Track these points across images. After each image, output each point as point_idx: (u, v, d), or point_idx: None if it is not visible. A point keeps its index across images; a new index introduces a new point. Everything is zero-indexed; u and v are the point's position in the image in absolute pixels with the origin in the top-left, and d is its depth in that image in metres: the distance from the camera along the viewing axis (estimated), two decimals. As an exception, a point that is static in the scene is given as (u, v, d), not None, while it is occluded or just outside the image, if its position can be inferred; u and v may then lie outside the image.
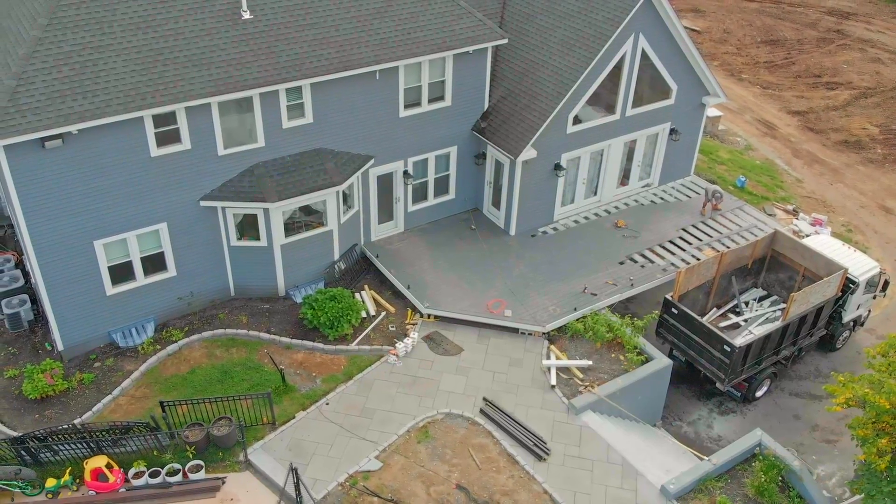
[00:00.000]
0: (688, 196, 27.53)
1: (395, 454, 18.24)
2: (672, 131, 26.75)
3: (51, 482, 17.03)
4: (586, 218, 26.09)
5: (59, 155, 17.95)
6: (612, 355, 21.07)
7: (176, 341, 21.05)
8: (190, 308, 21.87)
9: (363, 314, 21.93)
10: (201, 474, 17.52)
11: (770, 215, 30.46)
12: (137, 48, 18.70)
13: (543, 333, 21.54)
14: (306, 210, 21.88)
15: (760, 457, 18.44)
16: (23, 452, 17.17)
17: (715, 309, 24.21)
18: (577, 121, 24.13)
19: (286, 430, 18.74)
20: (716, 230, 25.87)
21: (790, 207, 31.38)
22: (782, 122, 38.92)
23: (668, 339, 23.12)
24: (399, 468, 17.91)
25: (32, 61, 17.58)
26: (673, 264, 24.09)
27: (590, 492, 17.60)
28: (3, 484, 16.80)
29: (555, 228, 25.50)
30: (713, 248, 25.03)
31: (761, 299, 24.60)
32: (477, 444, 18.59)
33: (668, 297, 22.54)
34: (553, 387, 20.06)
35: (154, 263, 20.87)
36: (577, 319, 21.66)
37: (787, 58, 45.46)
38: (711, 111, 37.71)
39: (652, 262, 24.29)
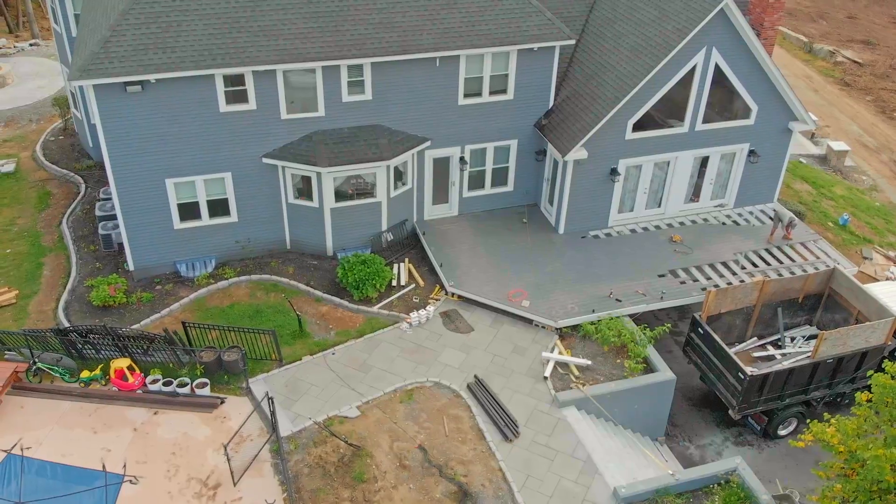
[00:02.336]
0: (762, 222, 26.50)
1: (375, 408, 19.60)
2: (751, 153, 25.91)
3: (85, 374, 20.01)
4: (645, 228, 25.93)
5: (138, 99, 20.93)
6: (618, 361, 21.11)
7: (227, 279, 23.63)
8: (246, 253, 24.38)
9: (393, 283, 23.41)
10: (206, 391, 19.81)
11: (866, 258, 28.60)
12: (217, 14, 21.29)
13: (555, 328, 21.95)
14: (361, 180, 23.65)
15: (723, 482, 17.93)
16: (69, 346, 20.26)
17: (756, 339, 23.38)
18: (637, 128, 24.16)
19: (290, 369, 20.65)
20: (777, 259, 24.82)
21: (892, 254, 29.13)
22: (923, 167, 35.87)
23: (692, 359, 22.73)
24: (374, 420, 19.26)
25: (127, 17, 20.62)
26: (716, 285, 23.50)
27: (542, 479, 18.02)
28: (47, 367, 19.98)
29: (608, 233, 25.62)
30: (768, 276, 24.07)
31: (811, 338, 23.40)
32: (452, 415, 19.52)
33: (696, 315, 22.16)
34: (545, 378, 20.51)
35: (218, 207, 23.52)
36: (591, 322, 21.84)
37: (955, 101, 41.54)
38: (838, 145, 35.61)
39: (695, 280, 23.82)
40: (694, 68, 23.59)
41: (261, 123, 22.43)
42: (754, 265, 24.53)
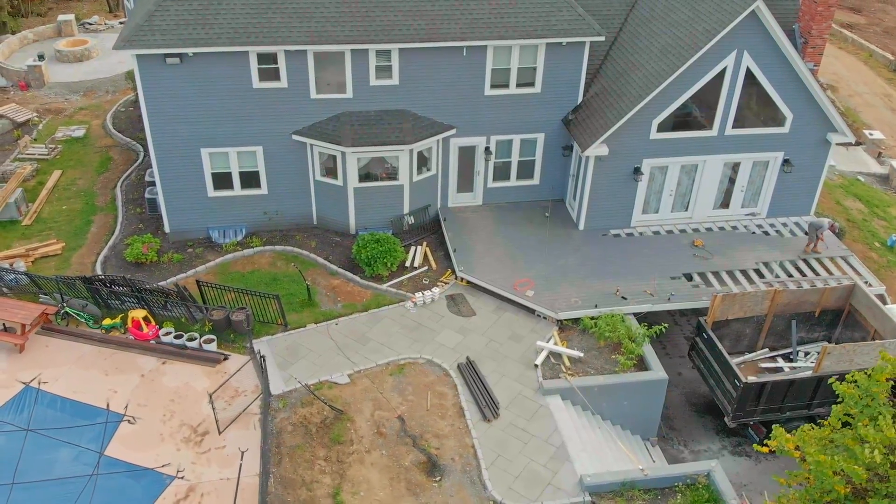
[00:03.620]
0: (793, 234, 25.80)
1: (364, 377, 20.37)
2: (785, 162, 25.31)
3: (106, 321, 21.61)
4: (670, 231, 25.69)
5: (177, 71, 22.39)
6: (613, 356, 21.13)
7: (253, 247, 24.91)
8: (274, 224, 25.60)
9: (406, 264, 24.14)
10: (212, 347, 21.04)
11: (909, 282, 27.39)
12: (255, -5, 22.57)
13: (556, 320, 22.15)
14: (388, 163, 24.47)
15: (689, 482, 17.75)
16: (95, 294, 21.89)
17: (768, 350, 22.92)
18: (662, 128, 24.03)
19: (293, 334, 21.67)
20: (800, 271, 24.16)
21: (939, 279, 27.75)
22: None
23: (695, 364, 22.50)
24: (361, 388, 20.02)
25: (172, -7, 22.16)
26: (730, 291, 23.12)
27: (512, 459, 18.34)
28: (74, 312, 21.67)
29: (629, 233, 25.54)
30: (787, 286, 23.49)
31: (827, 354, 22.72)
32: (438, 391, 20.06)
33: (702, 319, 21.94)
34: (536, 366, 20.77)
35: (250, 179, 24.82)
36: (592, 317, 21.91)
37: None
38: (902, 164, 34.07)
39: (710, 285, 23.52)
40: (724, 71, 23.29)
41: (291, 101, 23.54)
42: (775, 276, 23.98)
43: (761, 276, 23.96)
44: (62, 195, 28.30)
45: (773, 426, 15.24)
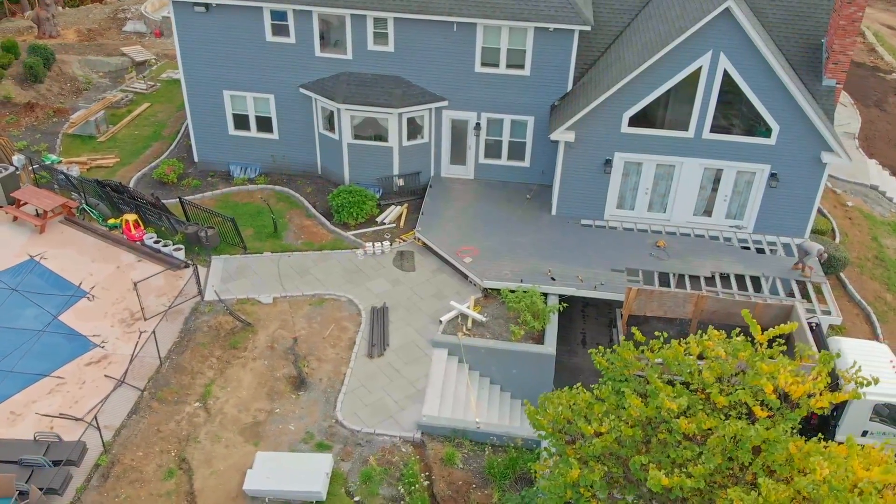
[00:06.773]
0: (775, 252, 24.76)
1: (286, 302, 22.76)
2: (772, 176, 24.39)
3: (111, 221, 25.68)
4: (643, 230, 25.64)
5: (203, 18, 25.93)
6: (515, 327, 21.91)
7: (257, 185, 28.10)
8: (283, 168, 28.61)
9: (378, 219, 26.17)
10: (180, 255, 24.40)
11: (917, 327, 25.26)
12: (273, -41, 25.54)
13: (482, 287, 23.22)
14: (374, 124, 26.64)
15: (506, 443, 18.36)
16: (109, 198, 26.02)
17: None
18: (634, 123, 24.16)
19: (249, 258, 24.52)
20: (756, 286, 23.30)
21: (953, 332, 25.25)
22: None
23: (611, 354, 22.65)
24: (278, 310, 22.44)
25: (206, -48, 25.68)
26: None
27: (372, 392, 19.95)
28: (89, 209, 25.93)
29: (601, 225, 25.81)
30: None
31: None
32: (342, 325, 22.02)
33: (618, 310, 22.11)
34: (440, 322, 22.07)
35: (264, 124, 27.99)
36: (511, 290, 22.73)
37: None
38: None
39: (652, 283, 23.42)
40: (699, 72, 23.03)
41: (298, 57, 26.32)
42: (727, 288, 23.33)
43: (712, 284, 23.43)
44: (140, 123, 33.12)
45: (540, 395, 15.75)
